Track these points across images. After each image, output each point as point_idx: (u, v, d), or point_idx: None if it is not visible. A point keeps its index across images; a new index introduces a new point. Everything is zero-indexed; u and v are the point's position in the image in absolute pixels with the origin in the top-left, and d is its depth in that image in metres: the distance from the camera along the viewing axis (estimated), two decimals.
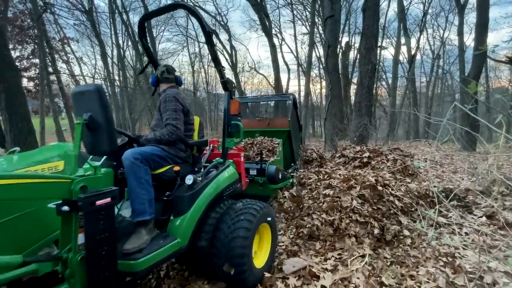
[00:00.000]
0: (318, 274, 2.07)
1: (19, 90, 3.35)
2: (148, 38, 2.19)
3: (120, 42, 19.49)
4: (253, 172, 3.54)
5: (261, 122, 4.94)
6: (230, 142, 2.34)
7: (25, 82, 16.72)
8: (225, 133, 2.33)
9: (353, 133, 7.41)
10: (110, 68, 20.45)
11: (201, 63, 25.95)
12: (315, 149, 6.23)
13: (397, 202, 2.87)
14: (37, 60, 12.53)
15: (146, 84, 18.45)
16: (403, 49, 17.23)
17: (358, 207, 2.77)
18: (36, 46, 12.06)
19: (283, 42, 25.54)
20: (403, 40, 14.62)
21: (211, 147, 2.88)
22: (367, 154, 4.89)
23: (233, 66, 20.80)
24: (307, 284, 2.00)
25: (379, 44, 9.19)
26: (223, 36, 21.78)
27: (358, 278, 2.05)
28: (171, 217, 1.84)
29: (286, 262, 2.24)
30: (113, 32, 18.46)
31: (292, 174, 4.12)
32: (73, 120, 16.66)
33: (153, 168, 1.86)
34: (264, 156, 3.82)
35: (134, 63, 21.44)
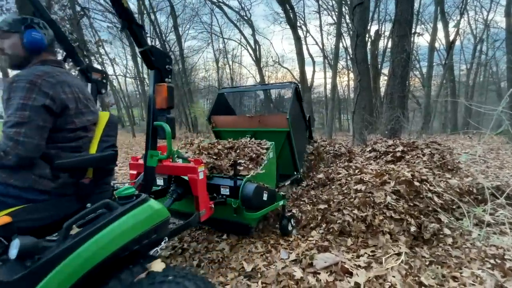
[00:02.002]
0: (351, 270, 2.02)
1: None
2: None
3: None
4: (225, 191, 2.32)
5: (253, 121, 3.65)
6: (153, 159, 1.50)
7: None
8: (147, 143, 1.51)
9: (384, 126, 7.06)
10: (140, 67, 21.45)
11: (225, 59, 26.21)
12: (344, 144, 6.04)
13: (436, 199, 2.69)
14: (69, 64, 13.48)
15: (173, 82, 19.12)
16: (440, 34, 15.93)
17: (392, 203, 2.64)
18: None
19: (308, 34, 24.93)
20: (440, 25, 13.52)
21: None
22: (400, 148, 4.63)
23: (257, 61, 20.77)
24: (339, 280, 1.96)
25: (413, 30, 8.59)
26: (247, 31, 21.84)
27: (393, 276, 1.97)
28: None
29: (317, 257, 2.21)
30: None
31: (283, 193, 2.81)
32: None
33: None
34: (242, 168, 2.54)
35: None
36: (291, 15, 14.22)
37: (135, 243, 1.18)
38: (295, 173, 3.88)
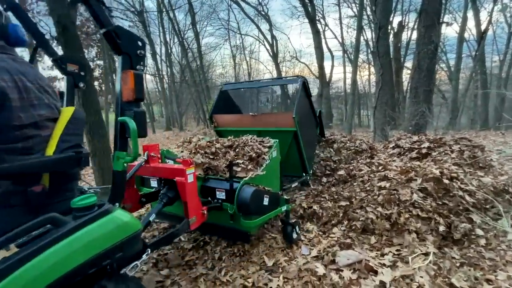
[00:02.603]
0: (376, 269, 1.97)
1: (92, 88, 3.84)
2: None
3: (168, 39, 20.69)
4: (221, 195, 2.10)
5: (257, 119, 3.42)
6: (119, 162, 1.27)
7: None
8: (116, 142, 1.31)
9: (408, 121, 6.77)
10: (159, 65, 21.99)
11: (242, 55, 26.22)
12: (365, 140, 5.87)
13: (468, 198, 2.55)
14: (100, 62, 14.07)
15: (191, 78, 19.45)
16: (470, 24, 14.95)
17: (419, 201, 2.54)
18: (99, 49, 13.50)
19: (327, 28, 24.33)
20: (470, 14, 12.68)
21: (144, 156, 1.88)
22: (426, 145, 4.42)
23: (274, 56, 20.60)
24: (363, 278, 1.92)
25: (441, 20, 8.11)
26: (264, 26, 21.65)
27: (421, 277, 1.89)
28: None
29: (339, 254, 2.17)
30: (161, 30, 19.69)
31: (287, 197, 2.56)
32: None
33: None
34: (240, 169, 2.26)
35: (180, 59, 22.68)
36: (310, 9, 13.92)
37: (90, 266, 0.97)
38: (304, 174, 3.68)
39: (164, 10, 17.66)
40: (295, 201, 3.38)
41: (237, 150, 2.59)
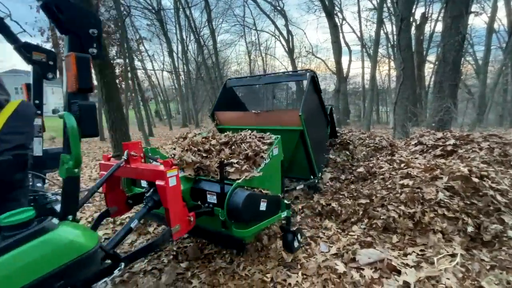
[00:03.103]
0: (399, 269, 1.91)
1: (115, 85, 3.97)
2: None
3: (184, 36, 20.97)
4: (212, 199, 1.90)
5: (260, 117, 3.19)
6: (62, 167, 1.05)
7: None
8: (64, 144, 1.06)
9: (431, 117, 6.49)
10: (176, 63, 22.35)
11: (257, 52, 26.11)
12: (385, 136, 5.69)
13: (499, 197, 2.40)
14: (120, 60, 14.51)
15: (207, 75, 19.64)
16: (501, 13, 13.98)
17: (445, 200, 2.43)
18: (119, 48, 13.90)
19: (344, 22, 23.66)
20: (500, 3, 11.87)
21: (125, 155, 1.69)
22: (452, 142, 4.21)
23: (290, 52, 20.35)
24: (386, 278, 1.87)
25: (468, 10, 7.65)
26: (280, 22, 21.39)
27: (448, 278, 1.82)
28: None
29: (360, 252, 2.12)
30: (177, 28, 19.97)
31: (288, 203, 2.23)
32: (149, 111, 19.05)
33: None
34: (234, 169, 2.00)
35: (196, 56, 22.96)
36: (327, 2, 13.58)
37: None
38: (312, 177, 3.35)
39: (180, 7, 17.91)
40: (312, 198, 3.34)
41: (233, 147, 2.30)
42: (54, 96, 40.97)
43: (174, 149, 2.40)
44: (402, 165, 3.24)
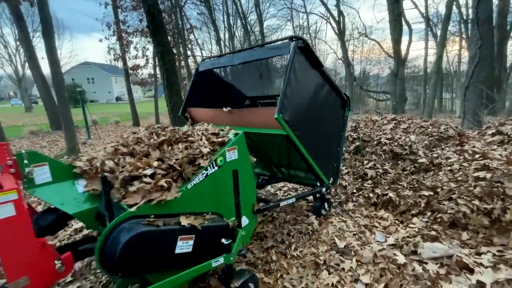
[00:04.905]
0: (472, 267, 1.73)
1: (174, 71, 4.28)
2: None
3: (231, 23, 21.20)
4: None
5: (235, 117, 2.30)
6: None
7: None
8: None
9: None
10: (223, 50, 22.84)
11: (305, 35, 25.08)
12: (452, 125, 5.05)
13: None
14: (174, 49, 15.45)
15: None
16: None
17: None
18: (173, 38, 14.72)
19: None
20: None
21: None
22: None
23: (341, 34, 19.10)
24: (455, 275, 1.71)
25: None
26: (331, 2, 20.02)
27: None
28: None
29: (423, 245, 1.98)
30: (225, 15, 20.25)
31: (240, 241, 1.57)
32: None
33: None
34: (136, 189, 1.35)
35: (242, 43, 23.10)
36: None
37: None
38: (318, 184, 2.57)
39: None
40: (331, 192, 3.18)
41: (162, 150, 1.63)
42: (117, 85, 45.90)
43: (99, 151, 1.72)
44: (477, 156, 2.85)
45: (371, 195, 2.95)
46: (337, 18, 18.92)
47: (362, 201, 2.95)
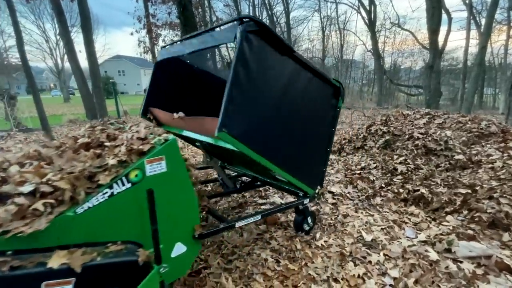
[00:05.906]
0: None
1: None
2: None
3: (257, 14, 21.01)
4: None
5: (189, 124, 1.90)
6: None
7: None
8: None
9: None
10: None
11: (333, 26, 24.24)
12: (495, 121, 4.66)
13: None
14: None
15: None
16: None
17: None
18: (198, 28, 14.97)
19: None
20: None
21: None
22: None
23: (371, 25, 18.18)
24: (494, 276, 1.61)
25: None
26: None
27: None
28: None
29: (459, 244, 1.88)
30: (251, 6, 20.11)
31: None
32: None
33: None
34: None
35: None
36: None
37: None
38: (301, 194, 2.17)
39: None
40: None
41: (78, 155, 1.25)
42: (145, 78, 47.77)
43: (21, 154, 1.35)
44: None
45: (400, 190, 2.84)
46: (368, 8, 18.01)
47: (391, 196, 2.85)
